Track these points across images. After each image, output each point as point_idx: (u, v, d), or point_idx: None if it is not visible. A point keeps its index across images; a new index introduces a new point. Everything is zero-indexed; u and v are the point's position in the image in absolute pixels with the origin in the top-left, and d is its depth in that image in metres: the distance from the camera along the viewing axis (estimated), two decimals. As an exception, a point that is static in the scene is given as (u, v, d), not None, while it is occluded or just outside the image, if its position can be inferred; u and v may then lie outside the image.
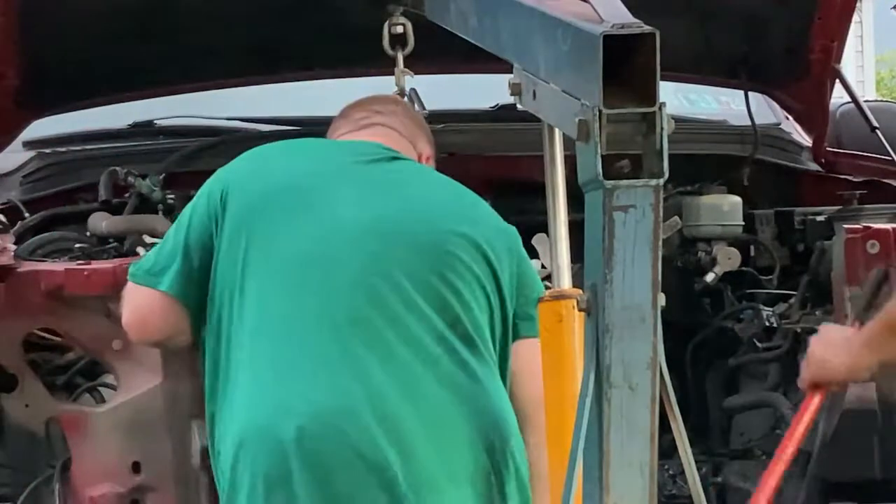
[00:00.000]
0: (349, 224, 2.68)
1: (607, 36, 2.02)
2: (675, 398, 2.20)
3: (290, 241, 2.67)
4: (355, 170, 2.78)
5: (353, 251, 2.66)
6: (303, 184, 2.75)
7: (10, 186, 4.25)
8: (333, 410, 2.58)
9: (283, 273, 2.66)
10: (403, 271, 2.66)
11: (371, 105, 2.98)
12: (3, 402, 3.40)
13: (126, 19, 4.00)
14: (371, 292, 2.64)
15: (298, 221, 2.69)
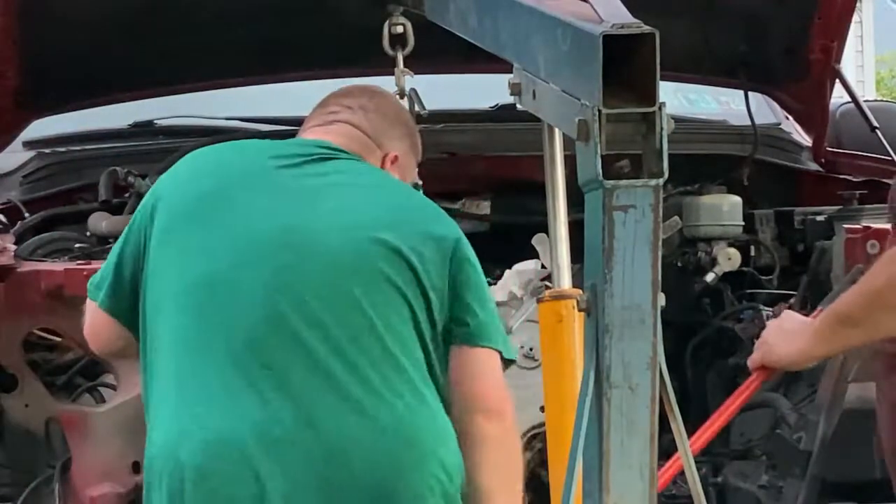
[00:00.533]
0: (259, 237, 2.58)
1: (607, 36, 2.02)
2: (675, 398, 2.20)
3: (201, 258, 2.58)
4: (275, 175, 2.66)
5: (260, 267, 2.56)
6: (222, 194, 2.65)
7: (10, 186, 4.25)
8: (220, 439, 2.50)
9: (190, 293, 2.57)
10: (310, 286, 2.55)
11: (344, 99, 2.86)
12: (3, 401, 3.40)
13: (126, 19, 4.00)
14: (271, 311, 2.53)
15: (211, 237, 2.60)
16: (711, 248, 4.23)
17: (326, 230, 2.58)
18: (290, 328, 2.52)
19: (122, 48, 4.09)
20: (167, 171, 2.79)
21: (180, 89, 4.49)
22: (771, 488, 3.77)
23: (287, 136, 2.92)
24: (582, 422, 2.15)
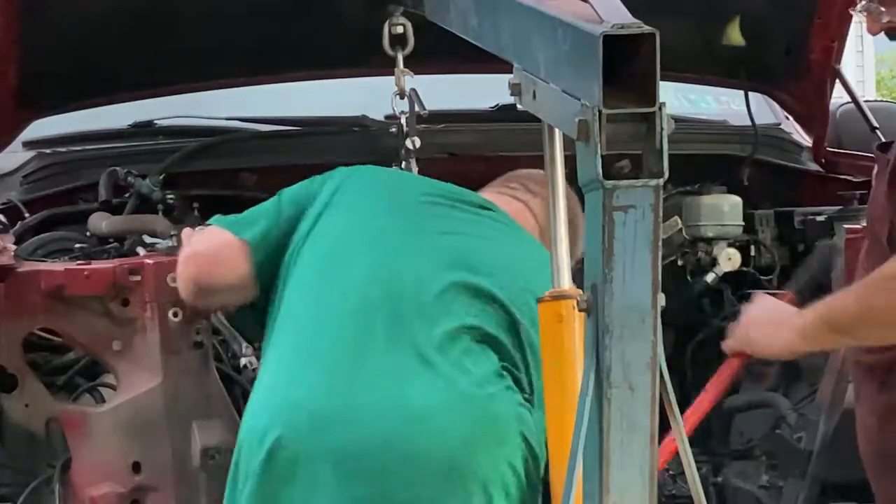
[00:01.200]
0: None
1: (607, 36, 2.02)
2: (675, 398, 2.20)
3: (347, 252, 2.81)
4: (436, 210, 2.87)
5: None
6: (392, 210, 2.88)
7: (10, 186, 4.25)
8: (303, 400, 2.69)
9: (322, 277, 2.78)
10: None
11: (530, 182, 3.06)
12: (3, 402, 3.40)
13: (126, 19, 4.00)
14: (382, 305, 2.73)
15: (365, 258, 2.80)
16: (711, 248, 4.23)
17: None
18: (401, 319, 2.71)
19: (122, 48, 4.09)
20: (352, 171, 3.01)
21: (180, 89, 4.49)
22: (771, 488, 3.77)
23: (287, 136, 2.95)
24: (582, 422, 2.15)
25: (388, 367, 2.69)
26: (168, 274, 3.30)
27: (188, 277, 3.02)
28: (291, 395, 2.72)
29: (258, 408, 2.76)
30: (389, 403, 2.66)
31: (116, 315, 3.35)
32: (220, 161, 4.26)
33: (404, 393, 2.67)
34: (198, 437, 3.34)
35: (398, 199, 2.95)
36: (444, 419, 2.64)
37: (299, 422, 2.68)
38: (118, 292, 3.33)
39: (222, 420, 3.37)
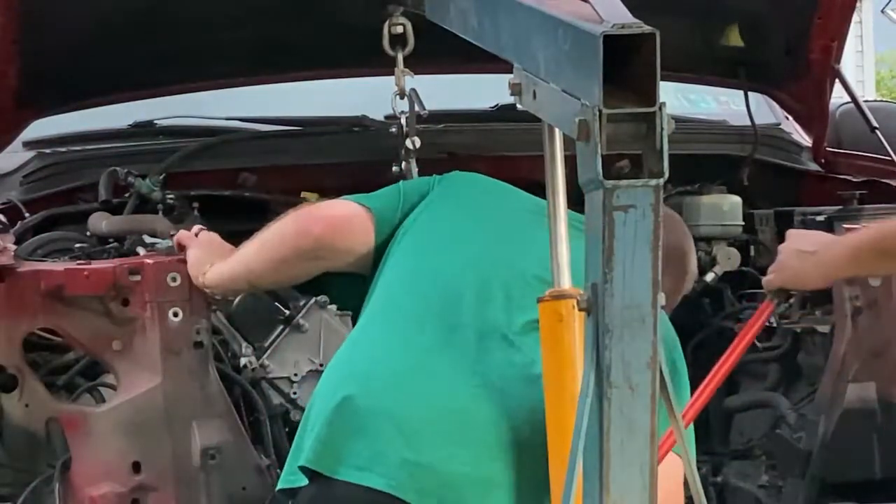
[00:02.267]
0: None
1: (607, 36, 2.02)
2: (675, 398, 2.20)
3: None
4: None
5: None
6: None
7: (10, 186, 4.25)
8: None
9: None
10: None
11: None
12: (2, 401, 3.40)
13: (126, 19, 4.00)
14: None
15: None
16: (711, 248, 4.23)
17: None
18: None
19: (122, 48, 4.09)
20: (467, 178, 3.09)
21: (180, 89, 4.49)
22: (771, 488, 3.77)
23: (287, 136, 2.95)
24: (582, 421, 2.15)
25: (468, 341, 2.72)
26: (168, 273, 3.30)
27: (310, 234, 3.03)
28: (370, 353, 2.77)
29: (340, 360, 2.82)
30: (465, 373, 2.68)
31: (116, 315, 3.35)
32: (220, 161, 4.26)
33: (481, 366, 2.69)
34: (198, 437, 3.34)
35: (507, 205, 3.02)
36: (517, 395, 2.65)
37: (373, 379, 2.71)
38: (118, 292, 3.33)
39: (222, 420, 3.37)
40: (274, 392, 3.57)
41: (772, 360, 3.98)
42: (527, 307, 2.72)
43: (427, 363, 2.71)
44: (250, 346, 3.62)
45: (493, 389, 2.66)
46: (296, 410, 3.53)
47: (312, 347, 3.63)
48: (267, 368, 3.58)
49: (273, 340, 3.63)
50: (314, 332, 3.61)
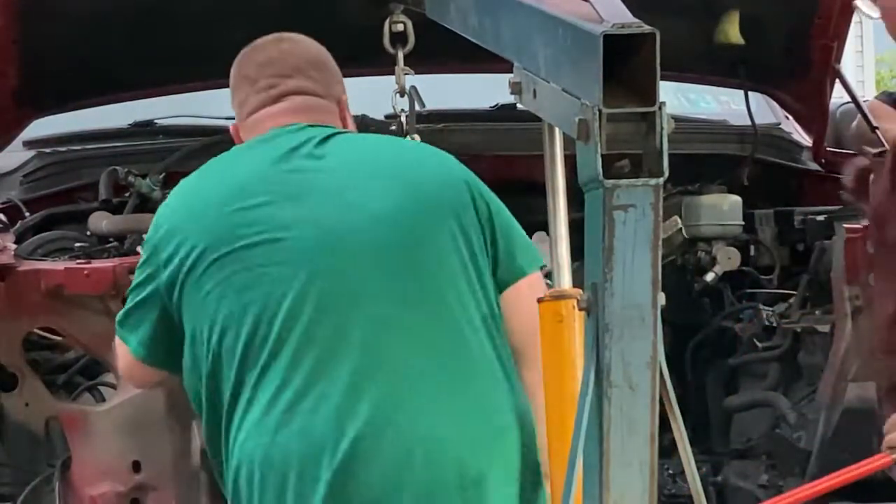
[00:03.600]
0: (298, 253, 2.63)
1: (607, 35, 2.02)
2: (675, 397, 2.20)
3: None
4: (285, 181, 2.70)
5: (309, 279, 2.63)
6: (242, 221, 2.68)
7: (11, 186, 4.26)
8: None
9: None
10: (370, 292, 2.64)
11: (271, 67, 2.85)
12: (3, 401, 3.40)
13: (126, 19, 4.00)
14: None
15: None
16: (711, 248, 4.23)
17: (365, 230, 2.66)
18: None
19: (122, 48, 4.09)
20: (165, 209, 2.79)
21: (180, 89, 4.49)
22: (771, 487, 3.78)
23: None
24: (582, 421, 2.15)
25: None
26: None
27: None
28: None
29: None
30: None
31: (116, 314, 3.35)
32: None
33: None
34: (197, 437, 3.34)
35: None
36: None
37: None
38: (118, 291, 3.33)
39: (222, 419, 3.37)
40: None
41: (772, 359, 3.99)
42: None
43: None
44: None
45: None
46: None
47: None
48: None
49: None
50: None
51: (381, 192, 2.69)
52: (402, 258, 2.66)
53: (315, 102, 2.84)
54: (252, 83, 2.85)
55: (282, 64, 2.85)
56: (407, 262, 2.66)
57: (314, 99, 2.84)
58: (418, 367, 2.63)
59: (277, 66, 2.85)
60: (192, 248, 2.66)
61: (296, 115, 2.81)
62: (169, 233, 2.71)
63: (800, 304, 3.95)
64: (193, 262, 2.66)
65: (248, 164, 2.76)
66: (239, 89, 2.88)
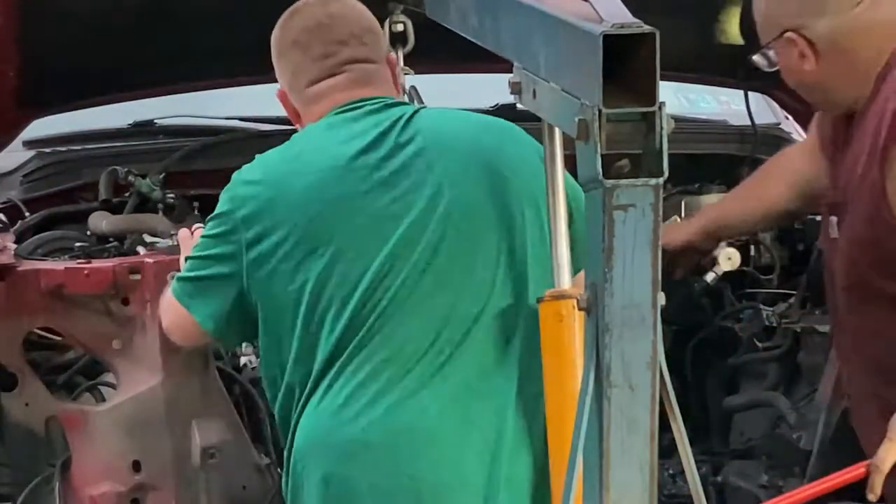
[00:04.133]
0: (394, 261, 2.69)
1: (607, 35, 2.02)
2: (674, 397, 2.21)
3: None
4: (379, 167, 2.74)
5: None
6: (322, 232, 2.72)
7: (11, 186, 4.26)
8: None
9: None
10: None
11: (322, 33, 2.86)
12: (2, 400, 3.40)
13: (126, 19, 4.00)
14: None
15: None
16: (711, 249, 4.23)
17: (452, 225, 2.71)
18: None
19: (122, 48, 4.09)
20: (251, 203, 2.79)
21: (180, 89, 4.49)
22: (771, 488, 3.77)
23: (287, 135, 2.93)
24: (582, 421, 2.15)
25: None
26: (168, 272, 3.30)
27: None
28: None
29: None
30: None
31: (116, 314, 3.35)
32: (220, 160, 4.25)
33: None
34: (198, 436, 3.34)
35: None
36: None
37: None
38: (118, 291, 3.33)
39: (222, 419, 3.38)
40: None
41: (772, 359, 3.98)
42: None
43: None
44: (249, 344, 3.62)
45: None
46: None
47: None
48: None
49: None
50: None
51: (466, 183, 2.73)
52: (488, 250, 2.70)
53: (374, 70, 2.87)
54: (304, 49, 2.87)
55: (334, 30, 2.86)
56: (491, 255, 2.70)
57: (373, 66, 2.88)
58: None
59: (329, 32, 2.86)
60: (285, 237, 2.70)
61: (360, 88, 2.84)
62: (257, 213, 2.73)
63: (800, 304, 3.94)
64: (287, 251, 2.70)
65: (339, 147, 2.77)
66: (287, 56, 2.90)
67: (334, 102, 2.85)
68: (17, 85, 4.06)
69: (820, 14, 2.98)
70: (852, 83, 3.01)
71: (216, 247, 2.78)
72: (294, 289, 2.69)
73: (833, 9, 2.98)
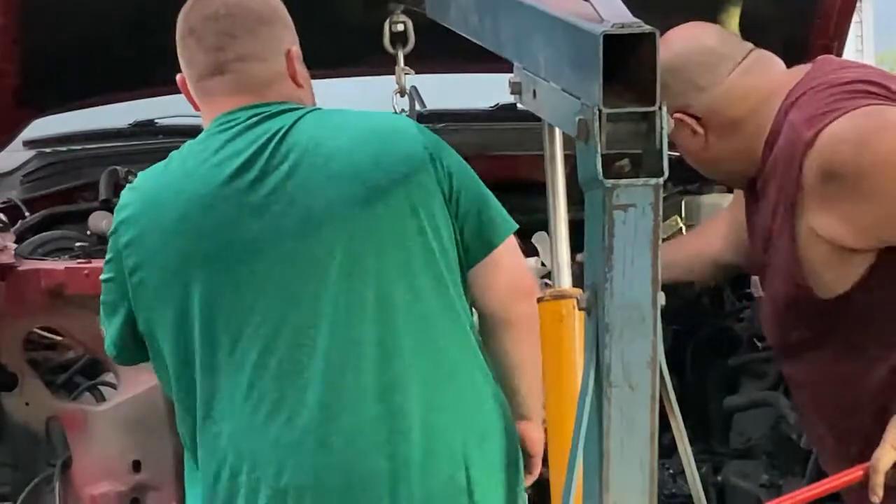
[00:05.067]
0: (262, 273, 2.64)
1: (607, 35, 2.02)
2: (674, 397, 2.20)
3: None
4: (249, 191, 2.69)
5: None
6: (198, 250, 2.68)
7: (11, 185, 4.26)
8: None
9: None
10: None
11: (217, 23, 2.78)
12: (3, 400, 3.40)
13: (127, 18, 4.00)
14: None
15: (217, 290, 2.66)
16: (712, 248, 4.22)
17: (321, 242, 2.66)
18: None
19: (122, 47, 4.09)
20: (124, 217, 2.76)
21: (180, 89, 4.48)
22: (771, 487, 3.77)
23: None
24: (582, 421, 2.15)
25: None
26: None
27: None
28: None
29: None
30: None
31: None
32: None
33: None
34: (198, 436, 3.34)
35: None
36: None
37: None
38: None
39: (222, 419, 3.37)
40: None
41: (772, 359, 3.98)
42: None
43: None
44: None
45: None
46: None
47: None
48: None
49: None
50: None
51: (341, 198, 2.67)
52: (364, 268, 2.65)
53: (262, 72, 2.80)
54: (198, 39, 2.80)
55: (229, 21, 2.79)
56: (374, 279, 2.66)
57: (261, 66, 2.80)
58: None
59: (224, 22, 2.79)
60: (157, 270, 2.67)
61: (244, 94, 2.78)
62: (133, 241, 2.71)
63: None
64: (158, 284, 2.67)
65: (211, 170, 2.72)
66: (184, 42, 2.83)
67: (218, 109, 2.80)
68: (17, 85, 4.06)
69: (699, 89, 3.05)
70: (744, 152, 3.08)
71: (108, 272, 2.77)
72: (167, 322, 2.67)
73: (709, 81, 3.06)
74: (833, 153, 2.85)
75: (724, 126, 3.07)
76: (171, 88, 4.47)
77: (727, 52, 3.11)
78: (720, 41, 3.14)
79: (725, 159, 3.12)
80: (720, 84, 3.06)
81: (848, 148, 2.84)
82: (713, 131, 3.07)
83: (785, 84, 3.10)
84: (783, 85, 3.10)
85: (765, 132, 3.05)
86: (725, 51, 3.11)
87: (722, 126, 3.07)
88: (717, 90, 3.05)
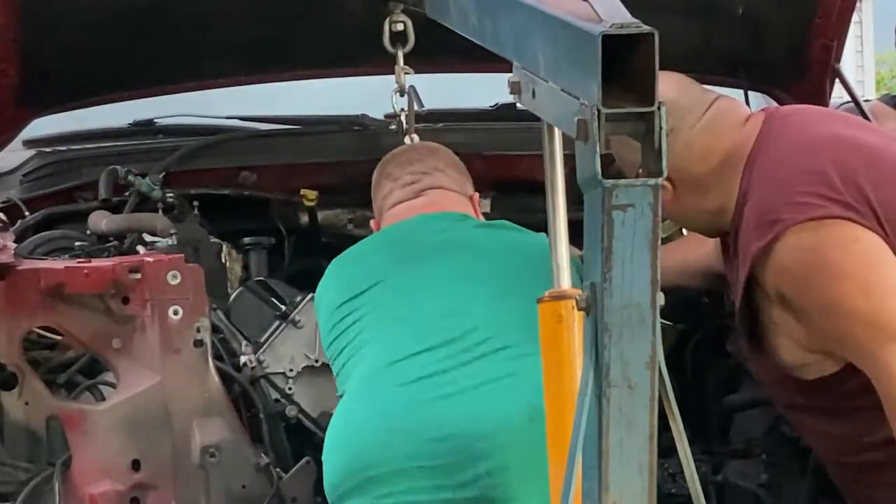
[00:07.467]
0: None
1: (606, 35, 2.02)
2: (674, 397, 2.21)
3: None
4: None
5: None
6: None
7: (11, 185, 4.26)
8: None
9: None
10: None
11: (413, 164, 3.31)
12: (2, 400, 3.40)
13: (127, 18, 4.00)
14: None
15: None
16: (711, 248, 4.22)
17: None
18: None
19: (122, 47, 4.09)
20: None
21: (180, 89, 4.49)
22: (771, 487, 3.77)
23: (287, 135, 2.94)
24: (581, 421, 2.16)
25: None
26: (168, 272, 3.30)
27: None
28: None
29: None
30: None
31: (116, 313, 3.35)
32: (219, 160, 4.26)
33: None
34: (197, 436, 3.34)
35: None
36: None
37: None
38: (118, 290, 3.33)
39: (222, 418, 3.38)
40: (270, 388, 3.59)
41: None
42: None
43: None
44: (250, 344, 3.63)
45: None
46: (291, 406, 3.56)
47: (308, 343, 3.65)
48: (263, 364, 3.60)
49: (269, 336, 3.65)
50: (310, 327, 3.63)
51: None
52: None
53: (452, 196, 3.30)
54: (395, 180, 3.34)
55: (422, 163, 3.34)
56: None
57: (451, 193, 3.30)
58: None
59: (418, 164, 3.34)
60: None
61: (433, 207, 3.26)
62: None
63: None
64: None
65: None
66: (382, 186, 3.38)
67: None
68: (17, 84, 4.06)
69: None
70: (716, 213, 3.11)
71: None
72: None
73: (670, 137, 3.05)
74: (780, 282, 2.92)
75: (691, 183, 3.07)
76: (171, 88, 4.52)
77: (688, 104, 3.08)
78: (680, 92, 3.08)
79: (693, 219, 3.19)
80: (680, 140, 3.03)
81: (790, 280, 2.91)
82: (680, 186, 3.08)
83: (742, 144, 3.07)
84: (741, 146, 3.07)
85: (731, 200, 3.06)
86: (687, 103, 3.08)
87: (688, 183, 3.07)
88: (677, 146, 3.00)
